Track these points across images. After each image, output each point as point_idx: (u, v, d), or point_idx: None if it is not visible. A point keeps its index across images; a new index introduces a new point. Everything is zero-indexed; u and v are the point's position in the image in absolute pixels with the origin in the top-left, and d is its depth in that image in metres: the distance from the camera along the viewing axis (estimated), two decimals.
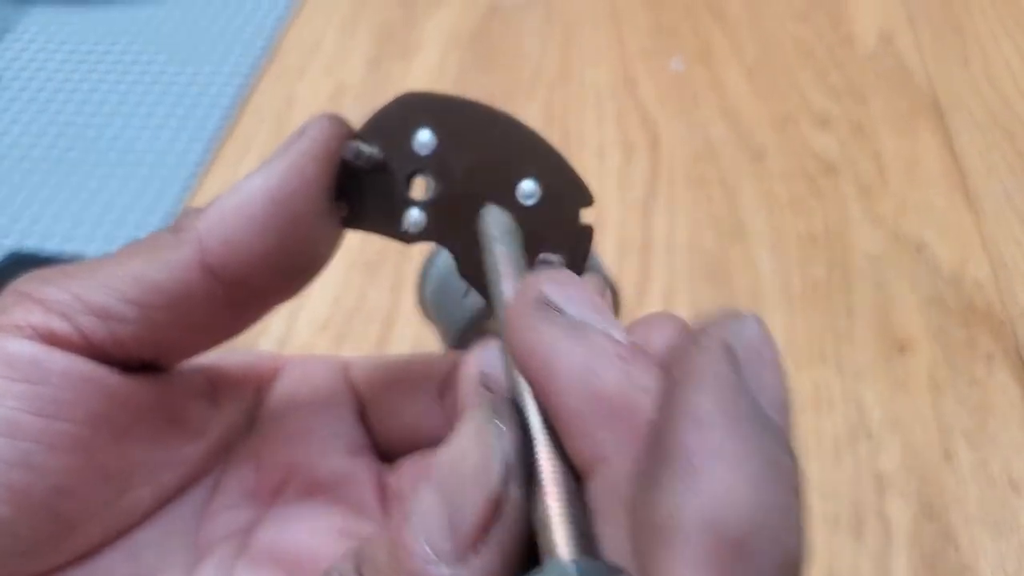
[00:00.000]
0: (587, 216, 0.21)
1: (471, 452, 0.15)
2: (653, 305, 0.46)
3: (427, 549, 0.15)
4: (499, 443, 0.15)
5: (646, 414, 0.14)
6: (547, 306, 0.16)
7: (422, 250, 0.49)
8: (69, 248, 0.49)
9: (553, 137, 0.21)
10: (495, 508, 0.15)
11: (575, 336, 0.15)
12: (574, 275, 0.17)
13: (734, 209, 0.51)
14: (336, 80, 0.61)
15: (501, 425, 0.15)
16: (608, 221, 0.50)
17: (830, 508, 0.38)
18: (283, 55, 0.64)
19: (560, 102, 0.59)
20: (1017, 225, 0.49)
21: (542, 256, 0.20)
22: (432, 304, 0.41)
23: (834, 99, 0.58)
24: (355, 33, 0.66)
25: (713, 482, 0.12)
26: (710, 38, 0.64)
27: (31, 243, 0.50)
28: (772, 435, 0.13)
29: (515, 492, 0.15)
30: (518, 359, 0.16)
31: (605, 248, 0.49)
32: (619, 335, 0.15)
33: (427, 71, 0.62)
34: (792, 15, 0.66)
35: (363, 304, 0.47)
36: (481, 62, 0.63)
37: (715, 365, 0.13)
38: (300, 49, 0.65)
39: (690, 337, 0.14)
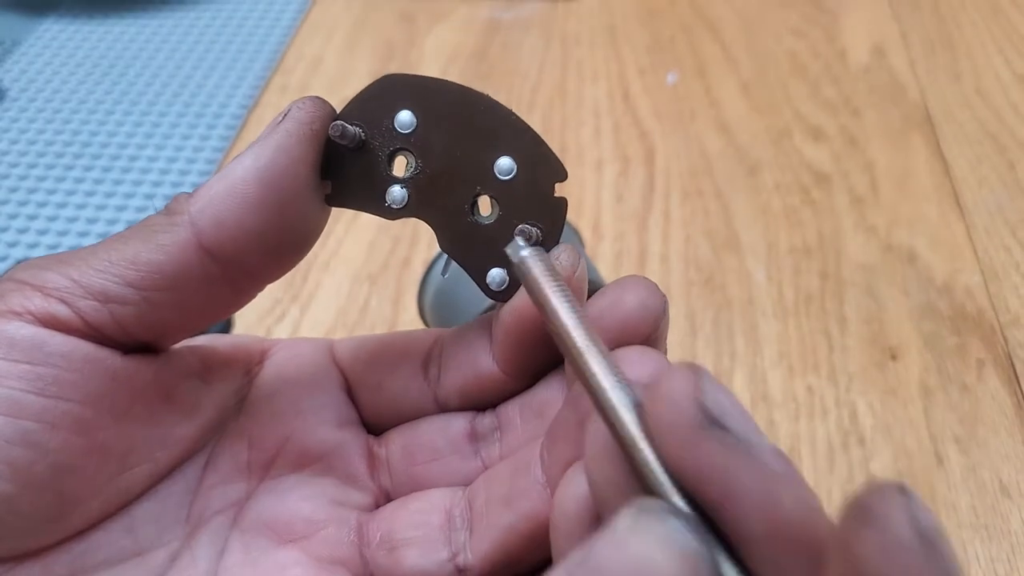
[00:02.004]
0: (561, 190, 0.22)
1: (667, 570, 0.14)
2: None
3: None
4: (703, 566, 0.14)
5: (822, 535, 0.14)
6: (714, 424, 0.15)
7: (423, 260, 0.50)
8: None
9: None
10: None
11: (750, 459, 0.15)
12: (714, 379, 0.16)
13: (729, 221, 0.52)
14: (338, 96, 0.62)
15: (696, 542, 0.14)
16: (605, 233, 0.51)
17: None
18: (286, 71, 0.65)
19: (558, 117, 0.60)
20: (1007, 235, 0.50)
21: (521, 227, 0.21)
22: (431, 313, 0.41)
23: (828, 113, 0.59)
24: (356, 50, 0.67)
25: None
26: (706, 54, 0.65)
27: (37, 254, 0.50)
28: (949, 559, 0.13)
29: None
30: (688, 478, 0.15)
31: (602, 259, 0.50)
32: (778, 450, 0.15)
33: None
34: (787, 30, 0.67)
35: (365, 314, 0.48)
36: (481, 78, 0.64)
37: (925, 563, 0.13)
38: (303, 65, 0.66)
39: (873, 520, 0.13)
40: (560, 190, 0.22)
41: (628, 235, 0.51)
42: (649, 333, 0.19)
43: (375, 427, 0.24)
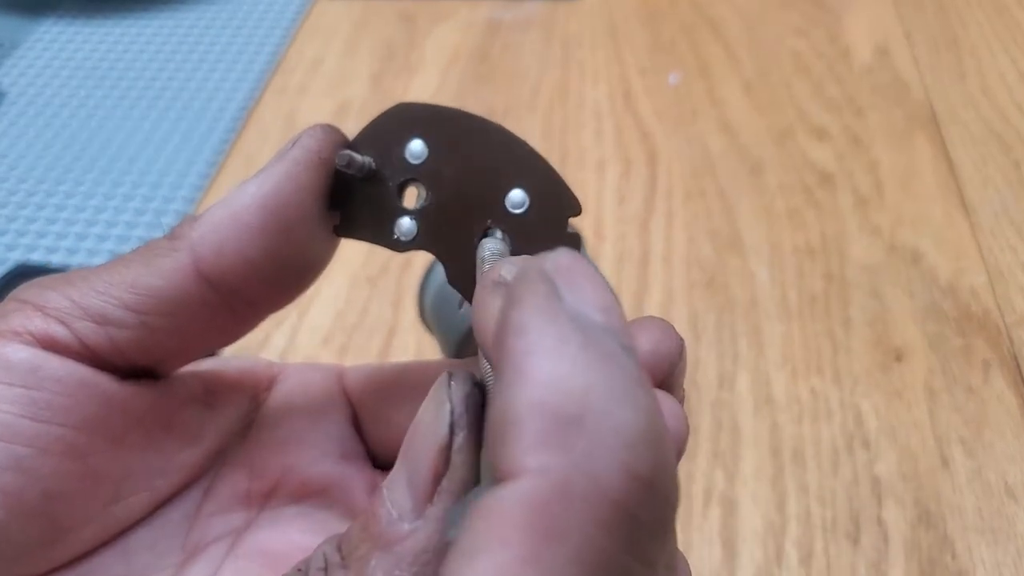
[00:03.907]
0: (576, 224, 0.21)
1: (425, 413, 0.17)
2: None
3: (392, 511, 0.16)
4: (447, 396, 0.16)
5: None
6: (500, 284, 0.16)
7: (422, 263, 0.49)
8: (74, 261, 0.50)
9: (552, 153, 0.21)
10: (445, 457, 0.16)
11: (498, 298, 0.16)
12: (532, 259, 0.17)
13: (732, 221, 0.51)
14: (338, 97, 0.62)
15: (451, 382, 0.16)
16: (607, 234, 0.51)
17: (828, 514, 0.38)
18: (286, 72, 0.65)
19: (559, 118, 0.60)
20: (1013, 234, 0.49)
21: None
22: (431, 315, 0.41)
23: (831, 112, 0.59)
24: (357, 51, 0.67)
25: (536, 371, 0.13)
26: (708, 54, 0.65)
27: (36, 256, 0.50)
28: (594, 329, 0.14)
29: (462, 438, 0.16)
30: (477, 336, 0.17)
31: (604, 260, 0.49)
32: None
33: (428, 88, 0.62)
34: (790, 30, 0.66)
35: (365, 317, 0.47)
36: (481, 79, 0.64)
37: (529, 284, 0.14)
38: (303, 66, 0.65)
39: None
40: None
41: (630, 237, 0.51)
42: (663, 379, 0.19)
43: (382, 461, 0.23)
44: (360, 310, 0.48)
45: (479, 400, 0.16)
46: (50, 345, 0.18)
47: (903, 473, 0.39)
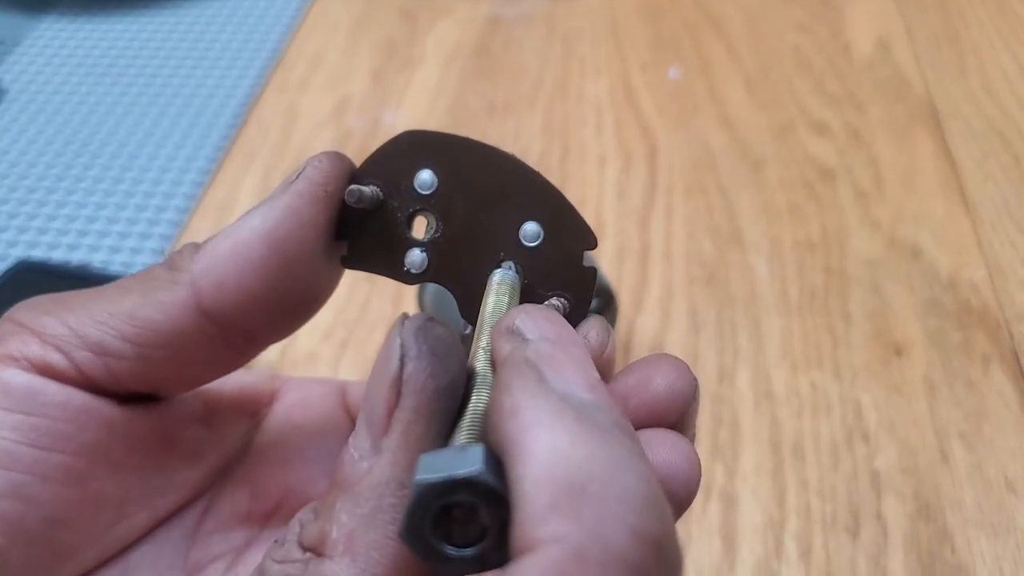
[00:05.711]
0: (592, 256, 0.21)
1: (379, 355, 0.17)
2: (651, 312, 0.46)
3: (354, 454, 0.16)
4: (399, 332, 0.17)
5: None
6: (514, 333, 0.17)
7: None
8: (75, 258, 0.50)
9: (553, 148, 0.21)
10: (397, 389, 0.16)
11: (511, 342, 0.18)
12: (547, 310, 0.18)
13: (732, 217, 0.51)
14: (339, 93, 0.62)
15: (404, 321, 0.17)
16: (607, 230, 0.51)
17: (828, 508, 0.38)
18: (286, 68, 0.65)
19: (560, 113, 0.60)
20: (1013, 229, 0.49)
21: (546, 303, 0.20)
22: (432, 310, 0.41)
23: (832, 107, 0.59)
24: (357, 46, 0.67)
25: (536, 446, 0.14)
26: (709, 49, 0.65)
27: (37, 253, 0.50)
28: (583, 405, 0.15)
29: (412, 366, 0.16)
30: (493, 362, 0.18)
31: (604, 256, 0.49)
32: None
33: (429, 84, 0.62)
34: (791, 25, 0.66)
35: (366, 313, 0.47)
36: (482, 75, 0.64)
37: (515, 371, 0.15)
38: (303, 62, 0.65)
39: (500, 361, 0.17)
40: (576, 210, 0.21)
41: (630, 232, 0.51)
42: (676, 419, 0.19)
43: None
44: (361, 305, 0.48)
45: (439, 334, 0.17)
46: (47, 372, 0.18)
47: (903, 467, 0.39)
